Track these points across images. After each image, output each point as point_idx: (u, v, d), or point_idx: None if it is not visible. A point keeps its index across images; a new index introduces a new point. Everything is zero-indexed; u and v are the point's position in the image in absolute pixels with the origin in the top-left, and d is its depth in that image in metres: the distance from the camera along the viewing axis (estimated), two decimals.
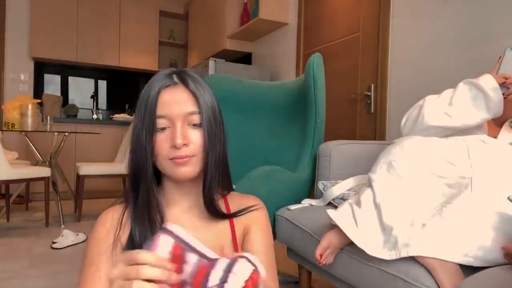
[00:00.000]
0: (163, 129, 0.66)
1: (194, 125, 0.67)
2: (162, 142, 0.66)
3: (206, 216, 0.73)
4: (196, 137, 0.67)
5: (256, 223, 0.75)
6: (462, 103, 1.05)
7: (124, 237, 0.68)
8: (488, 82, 1.04)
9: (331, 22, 2.76)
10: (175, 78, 0.68)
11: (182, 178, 0.68)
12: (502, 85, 1.04)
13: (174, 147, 0.65)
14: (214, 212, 0.72)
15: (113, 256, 0.67)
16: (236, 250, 0.71)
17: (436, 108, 1.08)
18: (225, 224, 0.74)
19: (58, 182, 3.16)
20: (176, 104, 0.65)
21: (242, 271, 0.46)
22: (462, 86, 1.08)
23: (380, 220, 0.93)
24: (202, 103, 0.67)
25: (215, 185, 0.71)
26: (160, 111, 0.65)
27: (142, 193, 0.69)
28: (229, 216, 0.74)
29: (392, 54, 2.20)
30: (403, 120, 1.18)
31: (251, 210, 0.75)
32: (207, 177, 0.69)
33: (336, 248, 1.04)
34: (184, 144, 0.64)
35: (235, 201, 0.78)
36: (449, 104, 1.07)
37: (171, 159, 0.66)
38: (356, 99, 2.48)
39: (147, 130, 0.65)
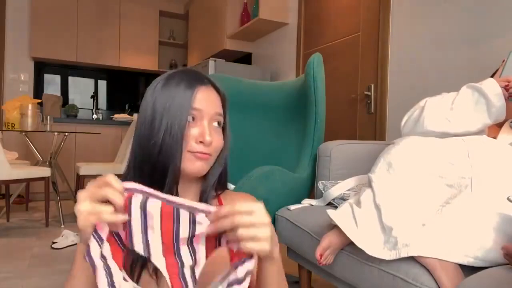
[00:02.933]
0: (193, 120, 0.67)
1: (217, 124, 0.69)
2: (193, 131, 0.66)
3: None
4: (216, 138, 0.69)
5: None
6: (464, 108, 1.05)
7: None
8: (491, 87, 1.03)
9: (331, 22, 2.76)
10: (206, 80, 0.70)
11: (195, 172, 0.68)
12: (505, 87, 1.04)
13: (201, 142, 0.66)
14: None
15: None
16: None
17: (437, 113, 1.08)
18: None
19: (58, 182, 3.16)
20: (209, 102, 0.68)
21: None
22: (464, 90, 1.08)
23: (380, 220, 0.93)
24: (226, 106, 0.71)
25: (213, 187, 0.73)
26: (196, 104, 0.66)
27: (167, 186, 0.67)
28: None
29: (392, 54, 2.20)
30: (404, 120, 1.18)
31: None
32: (210, 178, 0.71)
33: (336, 248, 1.04)
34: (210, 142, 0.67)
35: (228, 199, 0.78)
36: (450, 109, 1.07)
37: (193, 152, 0.66)
38: (356, 99, 2.48)
39: (179, 121, 0.65)
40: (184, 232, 0.53)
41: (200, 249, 0.56)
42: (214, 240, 0.56)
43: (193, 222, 0.53)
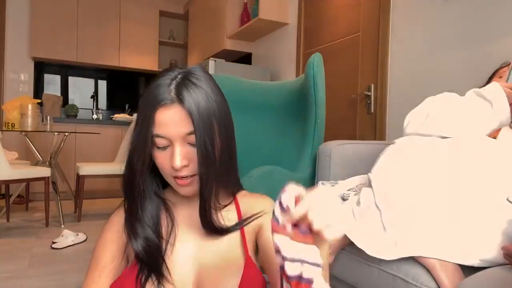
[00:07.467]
0: (163, 148, 0.64)
1: (193, 144, 0.63)
2: (164, 160, 0.64)
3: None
4: (194, 158, 0.64)
5: (267, 221, 0.68)
6: (470, 114, 1.06)
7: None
8: (497, 92, 1.04)
9: (331, 22, 2.76)
10: (173, 93, 0.62)
11: (187, 194, 0.68)
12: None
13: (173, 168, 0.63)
14: (212, 230, 0.69)
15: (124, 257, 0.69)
16: (246, 254, 0.68)
17: (443, 119, 1.08)
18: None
19: (58, 182, 3.16)
20: (173, 124, 0.62)
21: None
22: (470, 97, 1.09)
23: (380, 220, 0.93)
24: (196, 122, 0.61)
25: (211, 203, 0.68)
26: (157, 130, 0.62)
27: (129, 206, 0.69)
28: (227, 230, 0.69)
29: (392, 54, 2.20)
30: (406, 120, 1.18)
31: (256, 217, 0.71)
32: (202, 198, 0.66)
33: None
34: (183, 166, 0.63)
35: (245, 201, 0.76)
36: (457, 114, 1.07)
37: (174, 177, 0.65)
38: (356, 99, 2.48)
39: (142, 149, 0.64)
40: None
41: None
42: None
43: None
